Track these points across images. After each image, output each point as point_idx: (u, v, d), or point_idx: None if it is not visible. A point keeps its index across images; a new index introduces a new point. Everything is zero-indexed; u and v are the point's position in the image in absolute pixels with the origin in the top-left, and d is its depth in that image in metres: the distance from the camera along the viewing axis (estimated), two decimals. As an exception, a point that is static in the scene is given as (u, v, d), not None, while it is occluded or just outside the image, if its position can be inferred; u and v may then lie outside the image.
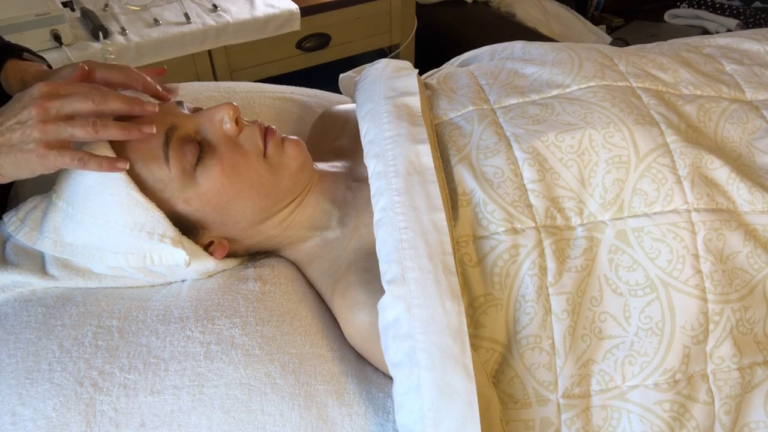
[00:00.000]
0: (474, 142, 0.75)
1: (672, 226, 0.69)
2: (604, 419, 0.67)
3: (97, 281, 0.73)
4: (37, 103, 0.61)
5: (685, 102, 0.79)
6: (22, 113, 0.62)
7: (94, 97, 0.63)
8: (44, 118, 0.61)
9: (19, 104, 0.63)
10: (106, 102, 0.64)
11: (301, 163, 0.75)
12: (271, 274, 0.76)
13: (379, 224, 0.67)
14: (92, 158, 0.64)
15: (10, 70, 0.80)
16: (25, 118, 0.61)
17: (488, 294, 0.67)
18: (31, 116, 0.61)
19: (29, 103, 0.62)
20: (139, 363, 0.64)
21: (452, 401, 0.57)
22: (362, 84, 0.85)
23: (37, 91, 0.62)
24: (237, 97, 1.03)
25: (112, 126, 0.63)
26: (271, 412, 0.63)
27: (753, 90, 0.83)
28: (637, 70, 0.83)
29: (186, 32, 1.47)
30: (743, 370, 0.69)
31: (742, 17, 2.14)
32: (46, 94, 0.62)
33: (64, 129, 0.62)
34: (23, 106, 0.62)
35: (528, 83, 0.83)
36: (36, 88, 0.63)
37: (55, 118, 0.62)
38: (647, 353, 0.67)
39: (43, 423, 0.60)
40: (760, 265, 0.70)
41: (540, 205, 0.70)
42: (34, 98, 0.62)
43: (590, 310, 0.68)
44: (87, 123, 0.62)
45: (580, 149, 0.72)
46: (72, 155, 0.63)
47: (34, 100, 0.62)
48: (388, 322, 0.62)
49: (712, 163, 0.73)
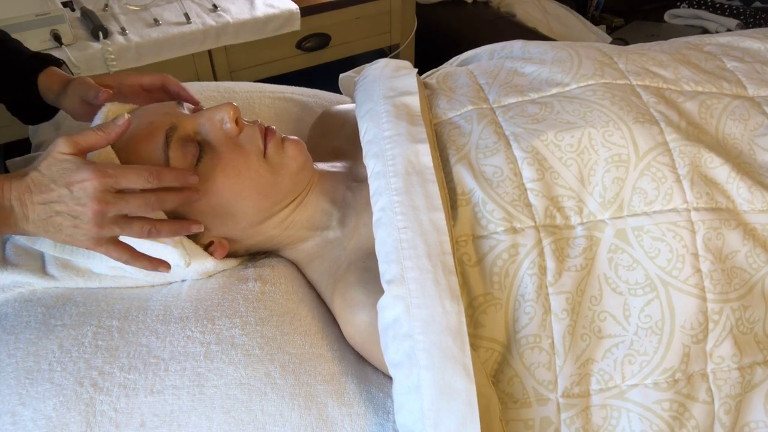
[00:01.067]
0: (473, 141, 0.75)
1: (671, 225, 0.69)
2: (604, 418, 0.67)
3: (97, 281, 0.73)
4: (94, 208, 0.59)
5: (686, 99, 0.79)
6: (76, 209, 0.59)
7: (153, 203, 0.62)
8: (100, 222, 0.60)
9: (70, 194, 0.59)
10: (163, 204, 0.63)
11: (301, 163, 0.75)
12: (271, 274, 0.76)
13: (378, 224, 0.67)
14: (138, 259, 0.65)
15: (52, 74, 0.81)
16: (79, 215, 0.59)
17: (488, 293, 0.67)
18: (86, 217, 0.59)
19: (84, 202, 0.59)
20: (139, 363, 0.64)
21: (452, 401, 0.57)
22: (361, 84, 0.85)
23: (92, 188, 0.59)
24: (237, 97, 1.03)
25: (166, 229, 0.65)
26: (271, 412, 0.63)
27: (755, 86, 0.83)
28: (636, 68, 0.83)
29: (186, 32, 1.47)
30: (743, 370, 0.69)
31: (742, 17, 2.14)
32: (102, 194, 0.59)
33: (119, 232, 0.62)
34: (77, 201, 0.59)
35: (527, 82, 0.83)
36: (89, 183, 0.59)
37: (110, 221, 0.61)
38: (647, 352, 0.67)
39: (43, 423, 0.60)
40: (759, 264, 0.70)
41: (539, 205, 0.70)
42: (90, 197, 0.59)
43: (590, 309, 0.68)
44: (143, 230, 0.63)
45: (579, 148, 0.72)
46: (119, 254, 0.64)
47: (90, 200, 0.59)
48: (387, 322, 0.62)
49: (711, 162, 0.73)
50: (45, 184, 0.59)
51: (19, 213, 0.60)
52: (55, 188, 0.59)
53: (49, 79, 0.81)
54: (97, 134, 0.62)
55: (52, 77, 0.81)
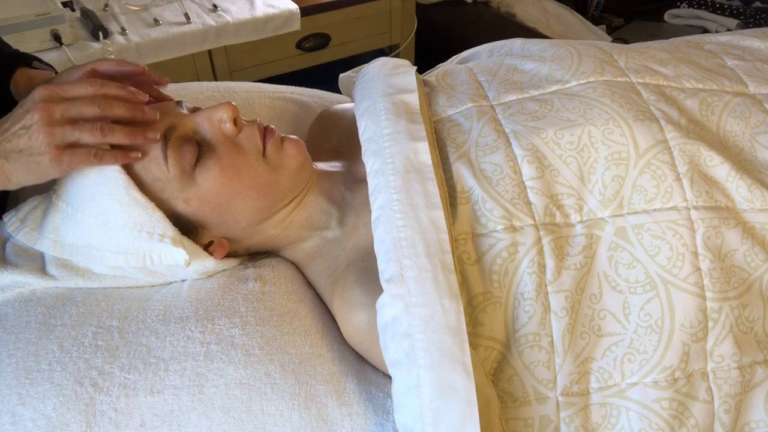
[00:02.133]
0: (473, 139, 0.75)
1: (671, 224, 0.69)
2: (603, 417, 0.67)
3: (97, 281, 0.73)
4: (40, 107, 0.61)
5: (686, 96, 0.79)
6: (26, 118, 0.61)
7: (99, 101, 0.63)
8: (49, 121, 0.61)
9: (22, 109, 0.62)
10: (110, 107, 0.63)
11: (301, 162, 0.75)
12: (271, 274, 0.76)
13: (377, 222, 0.67)
14: (107, 152, 0.64)
15: (19, 78, 0.80)
16: (29, 122, 0.61)
17: (487, 292, 0.66)
18: (34, 120, 0.61)
19: (32, 108, 0.61)
20: (139, 363, 0.64)
21: (451, 400, 0.57)
22: (360, 82, 0.85)
23: (39, 94, 0.62)
24: (237, 97, 1.03)
25: (118, 130, 0.63)
26: (271, 412, 0.63)
27: (756, 84, 0.83)
28: (636, 65, 0.83)
29: (186, 32, 1.47)
30: (743, 369, 0.69)
31: (742, 17, 2.14)
32: (48, 98, 0.62)
33: (72, 132, 0.62)
34: (26, 111, 0.61)
35: (527, 79, 0.83)
36: (37, 92, 0.62)
37: (60, 121, 0.61)
38: (646, 351, 0.67)
39: (43, 423, 0.60)
40: (757, 263, 0.70)
41: (539, 203, 0.70)
42: (36, 102, 0.61)
43: (589, 307, 0.68)
44: (94, 127, 0.62)
45: (579, 146, 0.72)
46: (86, 152, 0.63)
47: (36, 104, 0.61)
48: (386, 321, 0.62)
49: (711, 161, 0.73)
50: (4, 119, 0.62)
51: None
52: (11, 116, 0.62)
53: (15, 85, 0.81)
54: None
55: (18, 82, 0.81)
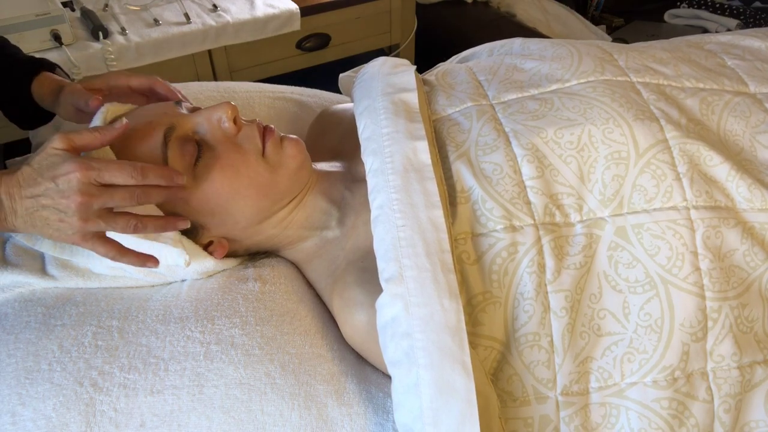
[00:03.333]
0: (473, 138, 0.75)
1: (671, 223, 0.69)
2: (603, 416, 0.67)
3: (97, 281, 0.73)
4: (77, 200, 0.59)
5: (687, 95, 0.79)
6: (61, 202, 0.59)
7: (139, 195, 0.62)
8: (85, 215, 0.60)
9: (56, 187, 0.59)
10: (148, 198, 0.63)
11: (300, 162, 0.75)
12: (271, 274, 0.76)
13: (376, 221, 0.67)
14: (125, 254, 0.64)
15: (44, 80, 0.80)
16: (64, 208, 0.59)
17: (487, 292, 0.66)
18: (71, 210, 0.59)
19: (69, 194, 0.59)
20: (139, 363, 0.64)
21: (451, 399, 0.57)
22: (360, 81, 0.85)
23: (77, 180, 0.59)
24: (237, 97, 1.03)
25: (151, 224, 0.64)
26: (271, 412, 0.63)
27: (756, 83, 0.83)
28: (637, 64, 0.83)
29: (186, 32, 1.47)
30: (743, 369, 0.69)
31: (742, 17, 2.14)
32: (86, 187, 0.59)
33: (104, 227, 0.61)
34: (62, 193, 0.59)
35: (527, 78, 0.83)
36: (74, 175, 0.59)
37: (95, 215, 0.60)
38: (646, 350, 0.67)
39: (43, 423, 0.60)
40: (756, 263, 0.70)
41: (539, 203, 0.70)
42: (75, 191, 0.59)
43: (589, 307, 0.68)
44: (128, 225, 0.62)
45: (579, 145, 0.72)
46: (106, 250, 0.63)
47: (74, 193, 0.59)
48: (386, 321, 0.62)
49: (711, 160, 0.73)
50: (33, 178, 0.60)
51: (8, 207, 0.60)
52: (42, 182, 0.59)
53: (40, 87, 0.81)
54: (93, 134, 0.62)
55: (43, 85, 0.81)
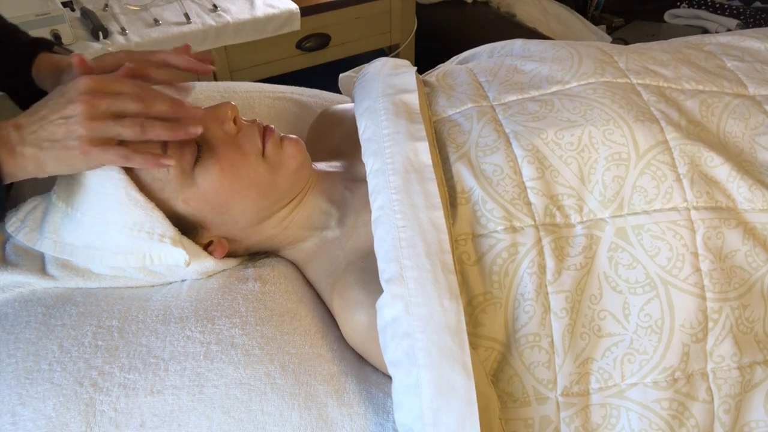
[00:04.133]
0: (473, 139, 0.75)
1: (671, 224, 0.69)
2: (603, 417, 0.67)
3: (97, 281, 0.73)
4: (84, 99, 0.59)
5: (686, 97, 0.79)
6: (67, 108, 0.59)
7: (144, 98, 0.62)
8: (91, 115, 0.59)
9: (63, 98, 0.60)
10: (154, 104, 0.62)
11: (300, 162, 0.75)
12: (271, 274, 0.76)
13: (377, 222, 0.67)
14: (137, 154, 0.63)
15: (42, 63, 0.79)
16: (71, 113, 0.59)
17: (487, 292, 0.67)
18: (77, 112, 0.59)
19: (75, 98, 0.59)
20: (139, 363, 0.64)
21: (451, 400, 0.57)
22: (360, 82, 0.85)
23: (83, 85, 0.60)
24: (237, 97, 1.03)
25: (159, 126, 0.62)
26: (271, 412, 0.63)
27: (755, 85, 0.83)
28: (637, 66, 0.83)
29: (186, 32, 1.47)
30: (743, 369, 0.69)
31: (742, 17, 2.14)
32: (93, 90, 0.60)
33: (112, 128, 0.60)
34: (68, 101, 0.59)
35: (527, 79, 0.83)
36: (81, 82, 0.60)
37: (102, 115, 0.60)
38: (646, 351, 0.67)
39: (43, 423, 0.60)
40: (758, 263, 0.70)
41: (539, 203, 0.70)
42: (81, 93, 0.59)
43: (589, 308, 0.68)
44: (135, 123, 0.61)
45: (579, 146, 0.72)
46: (116, 152, 0.61)
47: (80, 96, 0.59)
48: (386, 321, 0.62)
49: (712, 161, 0.73)
50: (41, 105, 0.60)
51: (15, 137, 0.59)
52: (49, 101, 0.60)
53: (38, 71, 0.79)
54: None
55: (41, 68, 0.79)
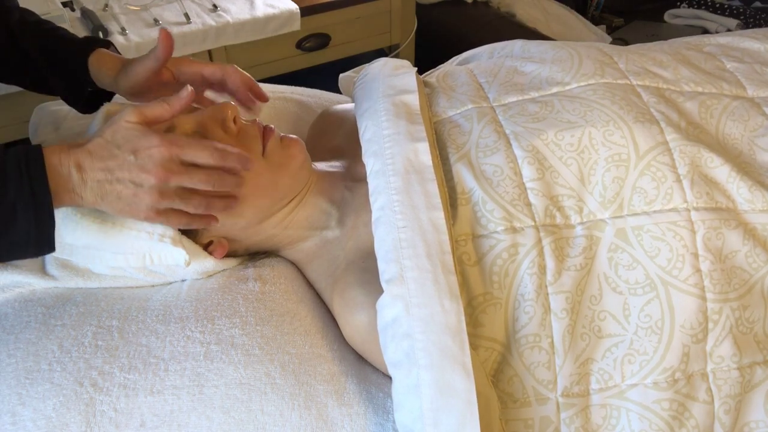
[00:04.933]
0: (473, 140, 0.75)
1: (671, 225, 0.69)
2: (604, 418, 0.67)
3: (97, 281, 0.73)
4: (158, 174, 0.59)
5: (686, 99, 0.79)
6: (139, 176, 0.59)
7: (215, 180, 0.63)
8: (162, 190, 0.60)
9: (135, 160, 0.59)
10: (223, 185, 0.63)
11: (300, 162, 0.75)
12: (271, 274, 0.76)
13: (377, 223, 0.67)
14: (194, 220, 0.65)
15: (106, 59, 0.78)
16: (142, 182, 0.59)
17: (487, 293, 0.67)
18: (149, 184, 0.59)
19: (149, 168, 0.59)
20: (139, 363, 0.64)
21: (451, 400, 0.57)
22: (361, 82, 0.85)
23: (159, 156, 0.59)
24: (237, 97, 1.03)
25: (219, 206, 0.65)
26: (271, 412, 0.63)
27: (755, 87, 0.83)
28: (637, 67, 0.83)
29: (186, 32, 1.47)
30: (743, 370, 0.69)
31: (742, 17, 2.14)
32: (167, 163, 0.59)
33: (179, 204, 0.62)
34: (141, 167, 0.59)
35: (527, 81, 0.83)
36: (157, 150, 0.59)
37: (171, 192, 0.61)
38: (646, 352, 0.67)
39: (43, 423, 0.60)
40: (758, 264, 0.70)
41: (539, 204, 0.70)
42: (156, 165, 0.59)
43: (589, 308, 0.68)
44: (201, 205, 0.63)
45: (579, 147, 0.72)
46: (179, 221, 0.64)
47: (155, 167, 0.59)
48: (386, 322, 0.62)
49: (712, 162, 0.73)
50: (108, 150, 0.59)
51: (76, 179, 0.59)
52: (120, 154, 0.59)
53: (98, 62, 0.78)
54: (162, 106, 0.62)
55: (102, 59, 0.78)
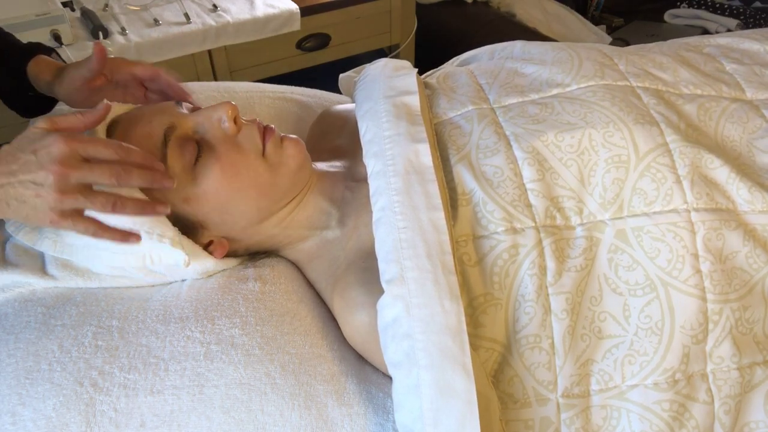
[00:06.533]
0: (474, 141, 0.75)
1: (671, 226, 0.69)
2: (604, 418, 0.67)
3: (97, 281, 0.73)
4: (56, 171, 0.57)
5: (685, 101, 0.79)
6: (39, 174, 0.58)
7: (118, 173, 0.61)
8: (62, 187, 0.58)
9: (35, 159, 0.58)
10: (129, 178, 0.61)
11: (300, 162, 0.75)
12: (271, 274, 0.76)
13: (378, 223, 0.67)
14: (107, 230, 0.64)
15: (42, 65, 0.79)
16: (42, 181, 0.58)
17: (487, 293, 0.67)
18: (48, 182, 0.58)
19: (47, 165, 0.57)
20: (139, 363, 0.64)
21: (451, 401, 0.57)
22: (361, 83, 0.85)
23: (57, 151, 0.58)
24: (237, 97, 1.03)
25: (129, 206, 0.63)
26: (271, 412, 0.63)
27: (753, 89, 0.83)
28: (636, 69, 0.83)
29: (186, 32, 1.47)
30: (743, 370, 0.69)
31: (742, 17, 2.14)
32: (66, 159, 0.58)
33: (83, 202, 0.60)
34: (40, 165, 0.58)
35: (528, 82, 0.83)
36: (55, 146, 0.58)
37: (73, 188, 0.59)
38: (647, 353, 0.67)
39: (43, 423, 0.60)
40: (759, 264, 0.70)
41: (539, 205, 0.70)
42: (53, 161, 0.57)
43: (590, 309, 0.68)
44: (107, 201, 0.61)
45: (579, 149, 0.72)
46: (86, 227, 0.62)
47: (53, 164, 0.57)
48: (387, 322, 0.62)
49: (711, 163, 0.73)
50: (12, 155, 0.59)
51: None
52: (21, 156, 0.58)
53: (37, 67, 0.79)
54: (76, 117, 0.62)
55: (41, 65, 0.80)
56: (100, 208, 0.61)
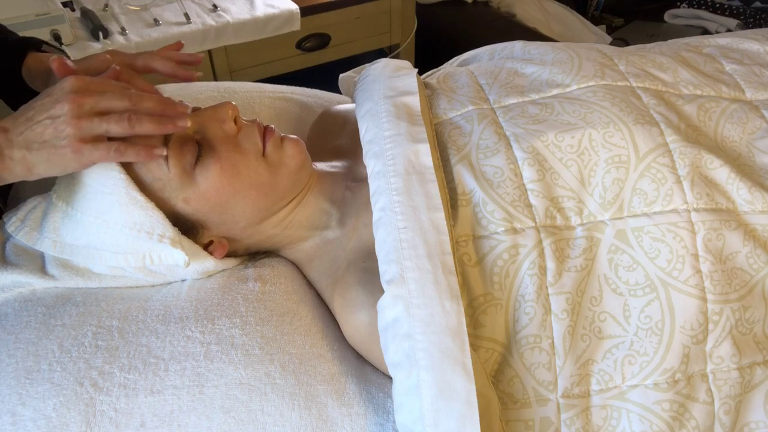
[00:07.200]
0: (474, 141, 0.75)
1: (672, 226, 0.69)
2: (604, 419, 0.67)
3: (97, 281, 0.73)
4: (71, 98, 0.59)
5: (685, 102, 0.79)
6: (54, 108, 0.59)
7: (131, 95, 0.62)
8: (78, 113, 0.59)
9: (50, 98, 0.60)
10: (141, 101, 0.62)
11: (300, 162, 0.75)
12: (271, 274, 0.76)
13: (378, 224, 0.67)
14: (129, 147, 0.63)
15: (31, 63, 0.79)
16: (58, 113, 0.59)
17: (488, 294, 0.67)
18: (64, 111, 0.59)
19: (62, 98, 0.59)
20: (139, 363, 0.64)
21: (452, 401, 0.57)
22: (362, 83, 0.85)
23: (69, 85, 0.60)
24: (237, 97, 1.03)
25: (147, 120, 0.62)
26: (271, 412, 0.63)
27: (753, 90, 0.83)
28: (636, 69, 0.83)
29: (186, 32, 1.47)
30: (743, 370, 0.69)
31: (742, 17, 2.14)
32: (80, 89, 0.60)
33: (99, 125, 0.60)
34: (55, 101, 0.60)
35: (528, 83, 0.83)
36: (68, 82, 0.60)
37: (89, 113, 0.60)
38: (647, 353, 0.67)
39: (43, 423, 0.60)
40: (759, 265, 0.70)
41: (540, 205, 0.70)
42: (66, 93, 0.60)
43: (590, 309, 0.68)
44: (122, 118, 0.61)
45: (579, 149, 0.72)
46: (107, 147, 0.61)
47: (66, 95, 0.59)
48: (387, 322, 0.62)
49: (711, 163, 0.73)
50: (28, 106, 0.61)
51: (2, 141, 0.59)
52: (37, 102, 0.60)
53: (28, 70, 0.79)
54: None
55: (31, 68, 0.79)
56: (117, 126, 0.61)
